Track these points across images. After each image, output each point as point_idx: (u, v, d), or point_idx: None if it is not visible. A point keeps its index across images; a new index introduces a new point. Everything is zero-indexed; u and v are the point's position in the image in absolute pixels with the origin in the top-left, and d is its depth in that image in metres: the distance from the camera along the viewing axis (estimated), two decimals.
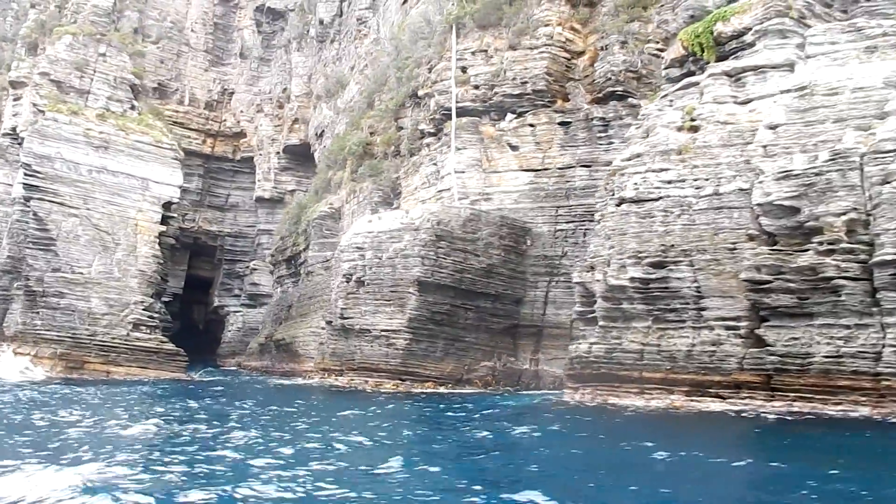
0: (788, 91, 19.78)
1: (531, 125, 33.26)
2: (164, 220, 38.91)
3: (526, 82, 33.40)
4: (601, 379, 22.37)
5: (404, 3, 45.79)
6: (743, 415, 18.59)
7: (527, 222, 32.65)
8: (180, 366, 36.57)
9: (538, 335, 31.75)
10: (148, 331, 36.23)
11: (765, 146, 19.73)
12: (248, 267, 58.04)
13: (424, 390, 28.61)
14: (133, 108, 39.85)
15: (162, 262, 38.20)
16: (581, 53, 33.68)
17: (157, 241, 38.11)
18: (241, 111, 59.23)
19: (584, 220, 30.71)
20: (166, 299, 60.39)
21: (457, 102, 34.81)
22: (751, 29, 21.29)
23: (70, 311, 34.95)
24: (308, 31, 56.87)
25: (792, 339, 18.97)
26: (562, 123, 32.79)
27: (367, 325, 31.12)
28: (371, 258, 31.70)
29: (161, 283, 38.89)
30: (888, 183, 17.32)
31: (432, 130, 36.44)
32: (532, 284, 31.99)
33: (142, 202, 38.07)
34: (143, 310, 36.30)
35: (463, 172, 34.11)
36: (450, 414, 21.48)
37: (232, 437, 15.39)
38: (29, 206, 35.80)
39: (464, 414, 21.28)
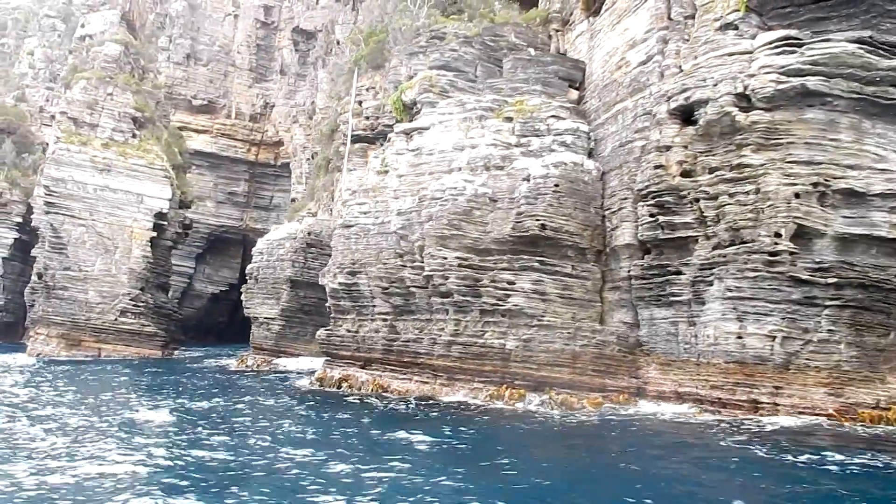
0: (412, 150, 30.21)
1: None
2: (157, 227, 53.02)
3: None
4: (329, 356, 33.63)
5: None
6: (362, 380, 29.59)
7: None
8: (156, 345, 50.64)
9: None
10: (133, 317, 50.48)
11: (394, 190, 30.35)
12: None
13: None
14: (134, 136, 54.21)
15: (152, 261, 52.17)
16: None
17: (149, 244, 52.29)
18: (280, 122, 73.20)
19: None
20: (223, 288, 76.54)
21: (353, 131, 46.37)
22: (416, 100, 31.68)
23: (72, 301, 49.84)
24: (331, 51, 69.70)
25: (405, 329, 29.65)
26: None
27: (257, 314, 43.76)
28: (264, 260, 44.24)
29: (154, 278, 52.99)
30: (430, 221, 27.67)
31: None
32: None
33: (137, 213, 52.32)
34: (130, 300, 50.58)
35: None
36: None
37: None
38: (47, 219, 51.17)
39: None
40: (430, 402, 25.14)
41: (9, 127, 69.59)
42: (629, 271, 25.03)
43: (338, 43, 67.86)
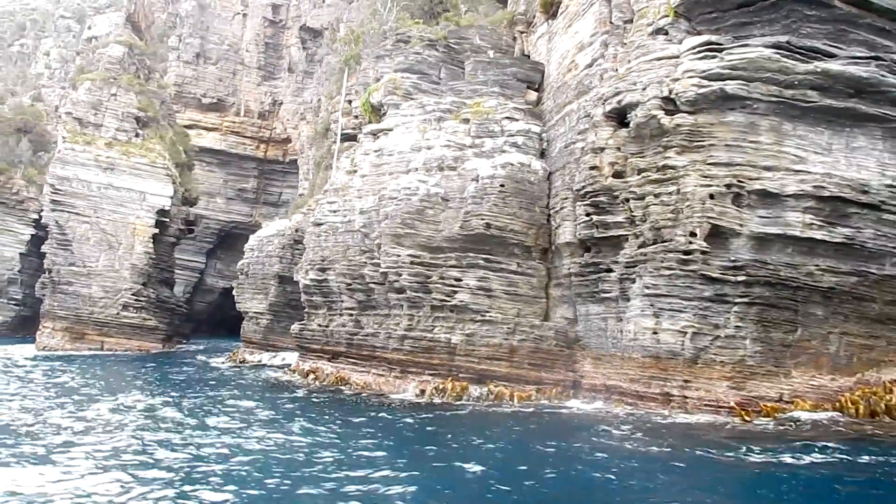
0: (375, 151, 31.38)
1: None
2: (159, 224, 54.75)
3: None
4: (303, 348, 34.95)
5: None
6: (327, 372, 30.88)
7: None
8: (157, 338, 52.39)
9: None
10: (134, 311, 52.24)
11: (358, 189, 31.54)
12: None
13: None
14: (137, 135, 55.99)
15: (154, 256, 53.86)
16: None
17: (151, 240, 54.02)
18: (288, 119, 74.71)
19: None
20: (233, 283, 78.07)
21: (343, 130, 47.65)
22: (382, 102, 32.83)
23: (76, 295, 51.72)
24: (336, 48, 71.05)
25: (367, 324, 30.87)
26: None
27: (247, 308, 45.23)
28: (255, 256, 45.67)
29: (157, 273, 54.73)
30: (386, 220, 28.84)
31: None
32: None
33: (139, 210, 54.08)
34: (132, 295, 52.35)
35: None
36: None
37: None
38: (53, 216, 53.06)
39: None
40: (367, 394, 26.36)
41: (25, 126, 71.68)
42: (569, 269, 26.00)
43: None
